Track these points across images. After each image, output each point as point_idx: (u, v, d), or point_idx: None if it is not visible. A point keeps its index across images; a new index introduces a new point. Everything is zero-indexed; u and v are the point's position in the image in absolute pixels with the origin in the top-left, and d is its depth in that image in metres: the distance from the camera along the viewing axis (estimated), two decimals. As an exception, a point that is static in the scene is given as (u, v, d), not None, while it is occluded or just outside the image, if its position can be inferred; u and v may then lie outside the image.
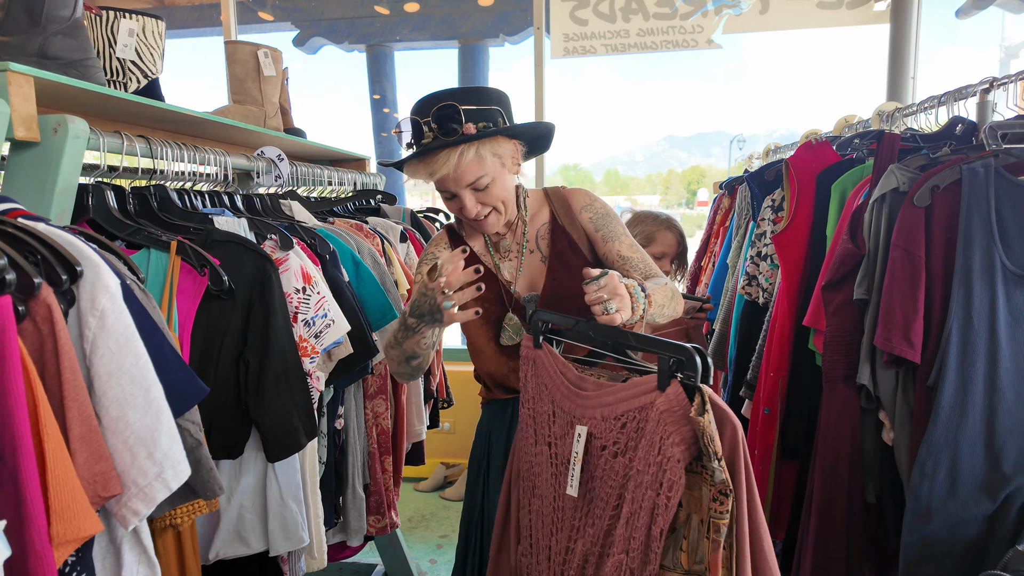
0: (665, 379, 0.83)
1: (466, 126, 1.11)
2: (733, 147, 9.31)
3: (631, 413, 0.88)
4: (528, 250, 1.30)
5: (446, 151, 1.11)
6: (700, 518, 0.80)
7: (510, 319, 1.25)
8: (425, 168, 1.13)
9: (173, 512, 0.96)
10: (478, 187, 1.15)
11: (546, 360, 1.07)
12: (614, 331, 1.00)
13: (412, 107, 1.16)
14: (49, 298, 0.67)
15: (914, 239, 1.19)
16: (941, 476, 1.18)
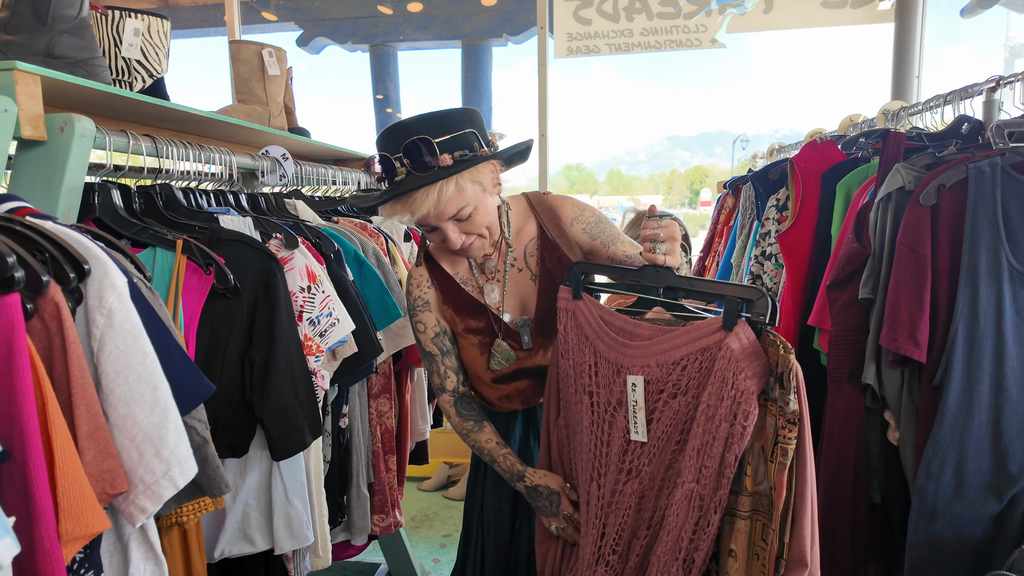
0: (732, 319, 0.88)
1: (442, 157, 1.04)
2: (736, 147, 9.32)
3: (692, 356, 0.92)
4: (516, 268, 1.25)
5: (424, 189, 1.04)
6: (761, 445, 0.88)
7: (498, 345, 1.22)
8: (403, 208, 1.07)
9: (179, 510, 0.96)
10: (460, 217, 1.10)
11: (586, 311, 1.08)
12: (671, 276, 1.01)
13: (379, 140, 1.08)
14: (57, 296, 0.68)
15: (920, 238, 1.19)
16: (947, 476, 1.18)
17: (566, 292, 1.11)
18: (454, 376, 1.25)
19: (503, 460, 1.18)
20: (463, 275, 1.26)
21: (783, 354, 0.84)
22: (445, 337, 1.24)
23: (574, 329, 1.10)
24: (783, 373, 0.84)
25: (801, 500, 0.84)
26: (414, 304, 1.25)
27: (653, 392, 0.98)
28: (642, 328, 1.00)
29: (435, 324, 1.24)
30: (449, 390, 1.24)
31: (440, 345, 1.24)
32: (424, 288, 1.25)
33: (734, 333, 0.87)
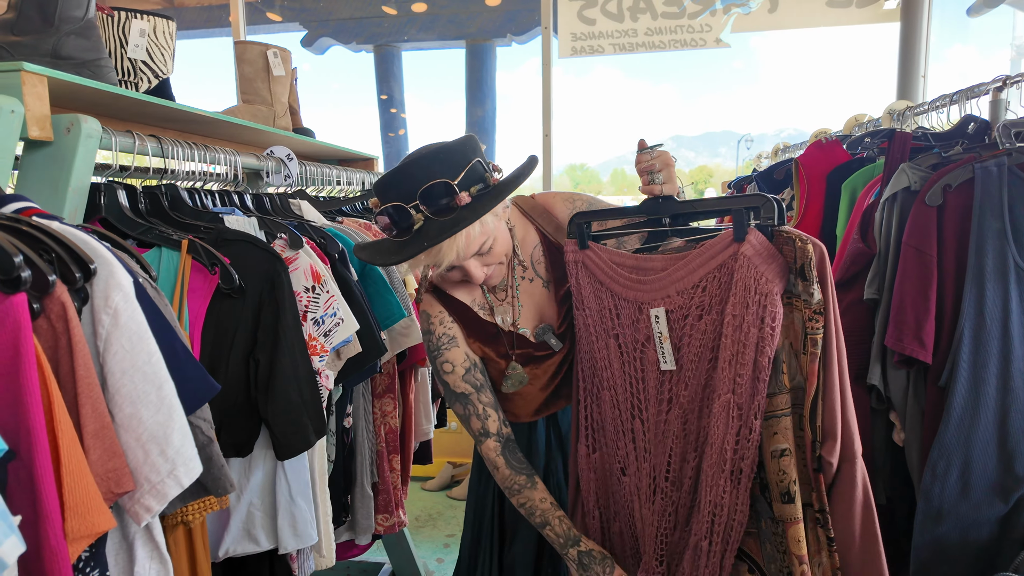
0: (741, 229, 0.89)
1: (459, 197, 0.96)
2: (741, 147, 9.27)
3: (710, 275, 0.94)
4: (527, 279, 1.20)
5: (450, 240, 0.97)
6: (790, 341, 0.90)
7: (513, 368, 1.16)
8: (429, 259, 1.01)
9: (184, 509, 0.96)
10: (482, 252, 1.05)
11: (595, 258, 1.08)
12: (674, 204, 1.01)
13: (382, 187, 1.00)
14: (63, 296, 0.68)
15: (926, 238, 1.18)
16: (953, 478, 1.17)
17: (572, 244, 1.11)
18: (495, 414, 1.14)
19: (558, 523, 1.08)
20: (480, 301, 1.19)
21: (800, 246, 0.85)
22: (477, 371, 1.16)
23: (587, 278, 1.10)
24: (803, 265, 0.85)
25: (830, 382, 0.87)
26: (438, 343, 1.15)
27: (677, 319, 0.99)
28: (654, 261, 1.01)
29: (464, 360, 1.15)
30: (493, 433, 1.13)
31: (473, 381, 1.15)
32: (447, 324, 1.16)
33: (747, 241, 0.89)
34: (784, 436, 0.91)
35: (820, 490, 0.90)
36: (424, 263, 1.02)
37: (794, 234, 0.87)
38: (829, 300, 0.86)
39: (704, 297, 0.95)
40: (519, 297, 1.20)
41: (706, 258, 0.94)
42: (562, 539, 1.07)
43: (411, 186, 0.96)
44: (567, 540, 1.07)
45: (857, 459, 0.90)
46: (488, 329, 1.18)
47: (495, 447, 1.13)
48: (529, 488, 1.11)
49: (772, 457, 0.92)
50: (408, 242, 0.98)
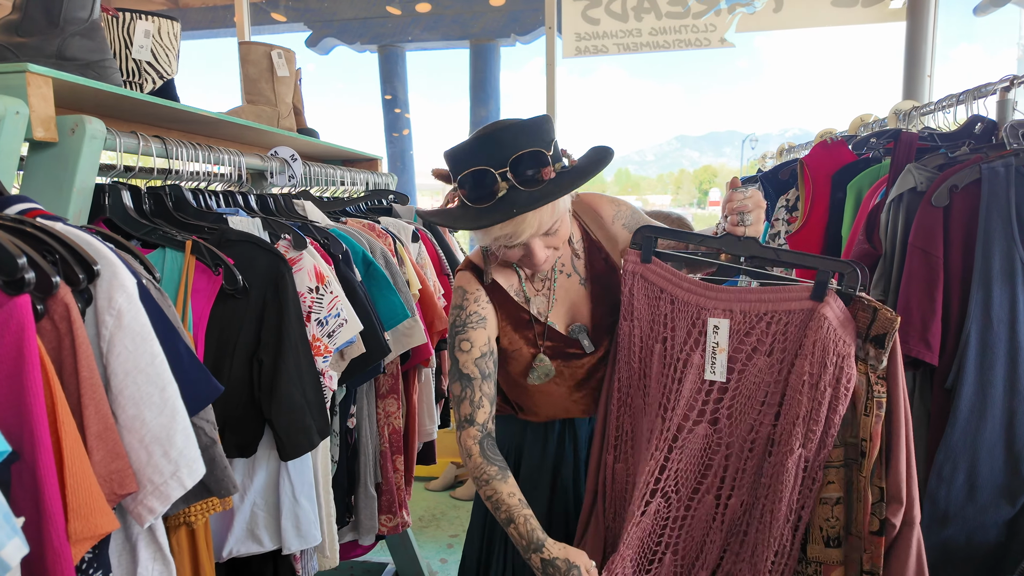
0: (822, 290, 0.93)
1: (547, 170, 0.95)
2: (745, 146, 9.25)
3: (778, 315, 0.97)
4: (564, 274, 1.19)
5: (536, 210, 0.95)
6: (852, 402, 0.94)
7: (540, 360, 1.15)
8: (507, 229, 0.98)
9: (187, 510, 0.96)
10: (549, 232, 1.03)
11: (658, 270, 1.09)
12: (756, 246, 1.02)
13: (462, 152, 0.97)
14: (67, 297, 0.68)
15: (932, 239, 1.18)
16: (959, 481, 1.16)
17: (634, 255, 1.11)
18: (488, 407, 1.11)
19: (523, 523, 0.99)
20: (515, 287, 1.18)
21: (889, 317, 0.89)
22: (490, 359, 1.13)
23: (643, 289, 1.11)
24: (884, 335, 0.90)
25: (896, 446, 0.91)
26: (466, 320, 1.12)
27: (736, 337, 1.01)
28: (722, 288, 1.04)
29: (485, 343, 1.12)
30: (479, 423, 1.10)
31: (483, 367, 1.12)
32: (482, 304, 1.14)
33: (827, 303, 0.92)
34: (840, 485, 0.96)
35: (876, 551, 0.92)
36: (499, 234, 0.99)
37: (876, 304, 0.91)
38: (897, 367, 0.92)
39: (767, 334, 0.98)
40: (555, 291, 1.19)
41: (779, 297, 0.97)
42: (524, 541, 0.99)
43: (501, 153, 0.94)
44: (530, 543, 0.98)
45: (916, 524, 0.92)
46: (522, 315, 1.17)
47: (475, 435, 1.09)
48: (498, 480, 1.05)
49: (823, 503, 0.96)
50: (491, 208, 0.96)
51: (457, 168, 0.98)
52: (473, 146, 0.96)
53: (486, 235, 1.01)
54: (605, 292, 1.19)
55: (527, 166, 0.94)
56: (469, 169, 0.96)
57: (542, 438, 1.26)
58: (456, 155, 0.98)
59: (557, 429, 1.25)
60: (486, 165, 0.95)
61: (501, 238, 1.00)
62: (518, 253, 1.06)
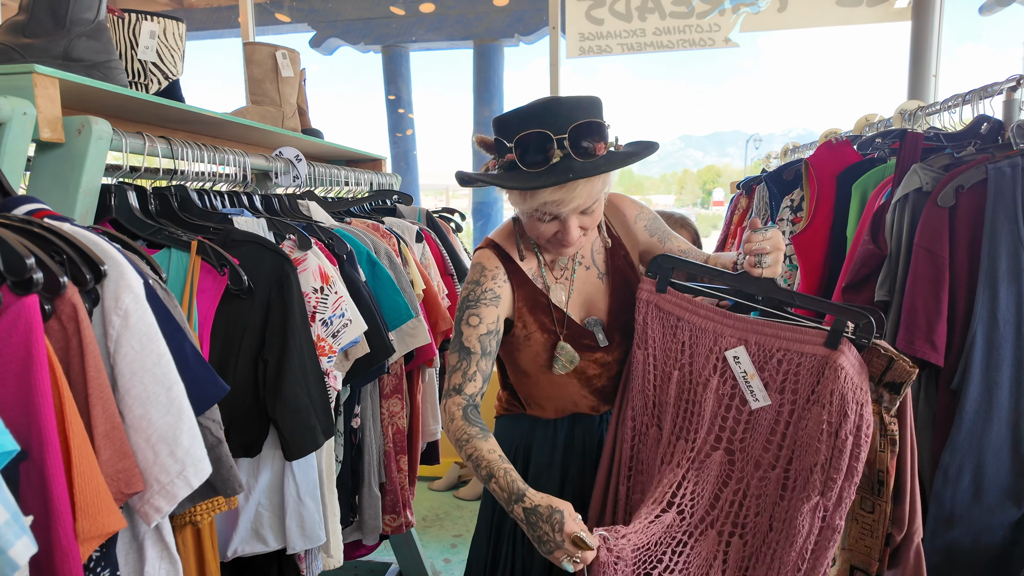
0: (837, 338, 0.94)
1: (600, 145, 0.98)
2: (749, 146, 9.22)
3: (792, 355, 0.98)
4: (584, 266, 1.20)
5: (588, 180, 0.97)
6: None
7: (562, 347, 1.15)
8: (560, 194, 0.98)
9: (193, 509, 0.96)
10: (587, 212, 1.04)
11: (673, 299, 1.10)
12: (773, 286, 1.02)
13: (515, 119, 0.98)
14: (74, 297, 0.68)
15: (938, 240, 1.17)
16: (965, 482, 1.16)
17: (649, 284, 1.12)
18: (480, 382, 1.11)
19: (503, 476, 0.98)
20: (535, 272, 1.18)
21: (907, 369, 0.91)
22: (494, 338, 1.13)
23: (658, 318, 1.11)
24: (901, 383, 0.92)
25: (904, 478, 0.96)
26: (480, 296, 1.12)
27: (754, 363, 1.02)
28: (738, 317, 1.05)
29: (493, 321, 1.12)
30: (467, 394, 1.09)
31: (485, 344, 1.11)
32: (500, 281, 1.14)
33: (842, 352, 0.93)
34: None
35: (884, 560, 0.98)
36: (548, 199, 0.99)
37: (893, 354, 0.93)
38: (907, 404, 0.95)
39: (778, 371, 0.99)
40: (573, 281, 1.20)
41: (794, 337, 0.98)
42: (506, 494, 0.96)
43: (559, 121, 0.95)
44: (511, 495, 0.96)
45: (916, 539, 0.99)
46: (540, 299, 1.17)
47: (460, 403, 1.08)
48: (479, 439, 1.03)
49: None
50: (545, 172, 0.96)
51: (512, 131, 0.98)
52: (530, 112, 0.97)
53: (532, 199, 1.00)
54: (623, 287, 1.20)
55: (584, 137, 0.96)
56: (528, 131, 0.96)
57: (551, 437, 1.26)
58: (510, 120, 0.99)
59: (566, 427, 1.25)
60: (542, 127, 0.96)
61: (548, 204, 1.00)
62: (551, 229, 1.06)
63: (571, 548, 0.89)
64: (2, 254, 0.63)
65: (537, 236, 1.10)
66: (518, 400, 1.27)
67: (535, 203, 1.01)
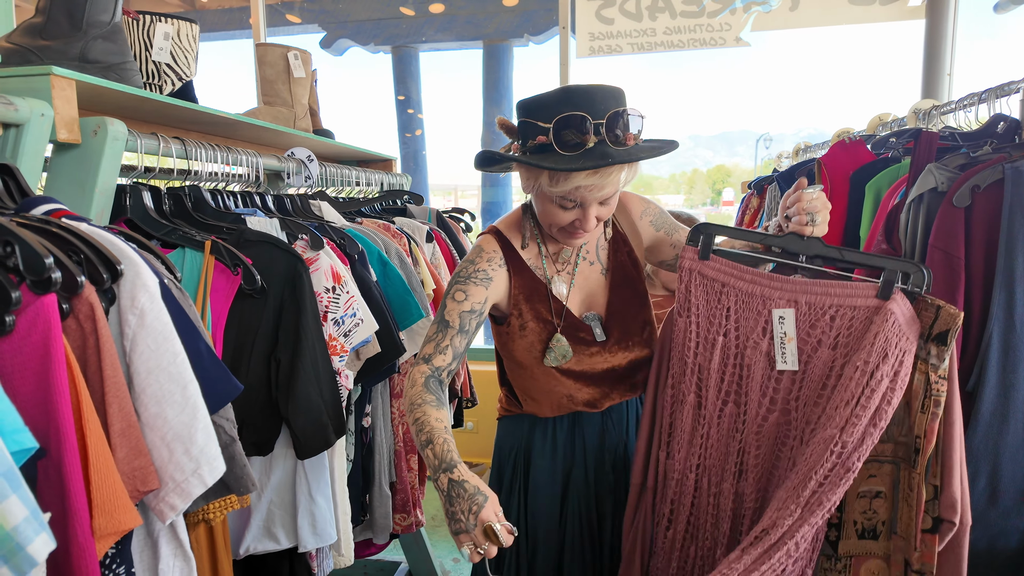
0: (889, 288, 0.95)
1: (629, 135, 0.99)
2: (760, 146, 9.15)
3: (844, 310, 0.98)
4: (587, 261, 1.21)
5: (621, 167, 0.98)
6: (907, 400, 0.95)
7: (558, 340, 1.16)
8: (595, 179, 0.98)
9: (206, 507, 0.97)
10: (606, 203, 1.06)
11: (716, 266, 1.10)
12: (820, 245, 1.03)
13: (556, 98, 0.98)
14: (92, 297, 0.69)
15: (953, 240, 1.16)
16: (980, 484, 1.15)
17: (692, 252, 1.12)
18: (450, 358, 1.09)
19: (441, 444, 0.95)
20: (535, 263, 1.19)
21: (952, 313, 0.90)
22: (476, 318, 1.12)
23: (701, 285, 1.11)
24: (946, 332, 0.90)
25: (951, 444, 0.92)
26: (471, 274, 1.13)
27: (802, 329, 1.02)
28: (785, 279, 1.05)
29: (479, 302, 1.12)
30: (435, 365, 1.08)
31: (464, 321, 1.10)
32: (495, 265, 1.15)
33: (895, 301, 0.94)
34: (882, 481, 0.97)
35: (928, 550, 0.93)
36: (583, 183, 0.99)
37: (938, 303, 0.93)
38: (955, 370, 0.93)
39: (831, 328, 1.00)
40: (575, 275, 1.20)
41: (846, 292, 0.98)
42: (438, 461, 0.94)
43: (595, 107, 0.97)
44: (441, 463, 0.93)
45: (967, 525, 0.94)
46: (539, 288, 1.17)
47: (425, 371, 1.07)
48: (431, 406, 1.01)
49: (862, 496, 0.96)
50: (580, 156, 0.97)
51: (545, 112, 0.98)
52: (563, 97, 0.98)
53: (566, 182, 1.00)
54: (624, 284, 1.20)
55: (619, 125, 0.98)
56: (568, 112, 0.97)
57: (551, 438, 1.25)
58: (542, 103, 0.99)
59: (566, 428, 1.25)
60: (580, 111, 0.96)
61: (582, 189, 1.00)
62: (570, 216, 1.06)
63: (479, 536, 0.87)
64: (22, 254, 0.64)
65: (552, 223, 1.10)
66: (515, 398, 1.27)
67: (568, 187, 1.00)
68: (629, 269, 1.21)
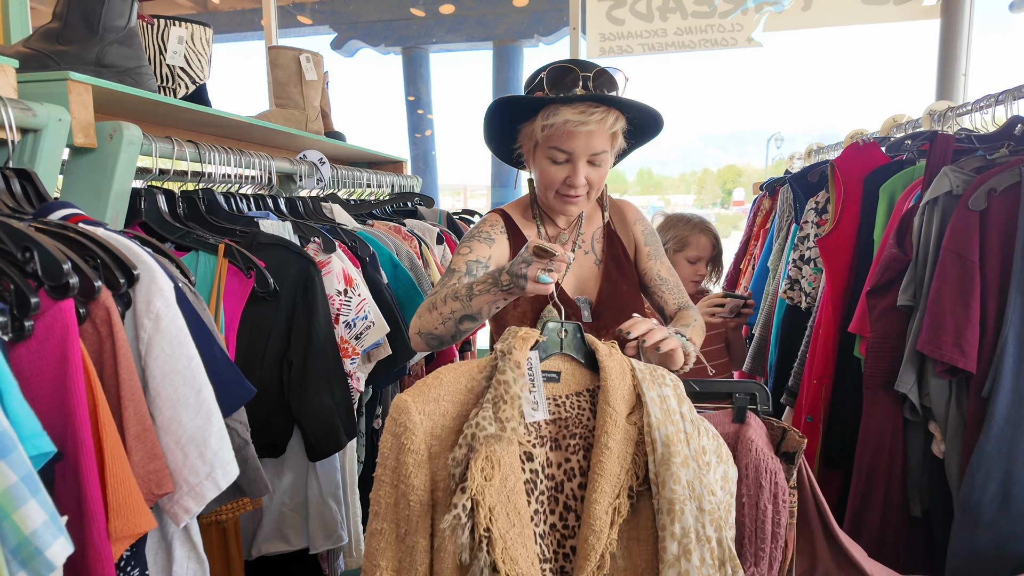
0: (742, 414, 0.98)
1: (615, 91, 1.12)
2: (771, 146, 9.10)
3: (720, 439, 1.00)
4: (583, 251, 1.28)
5: (603, 110, 1.09)
6: None
7: (549, 311, 1.20)
8: (574, 115, 1.07)
9: (219, 509, 0.98)
10: (594, 162, 1.13)
11: None
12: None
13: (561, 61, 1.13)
14: (108, 301, 0.70)
15: (967, 243, 1.15)
16: (992, 489, 1.14)
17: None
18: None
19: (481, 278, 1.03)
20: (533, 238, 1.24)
21: (797, 438, 0.96)
22: (480, 267, 1.17)
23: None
24: (794, 453, 0.96)
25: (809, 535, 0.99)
26: (475, 235, 1.21)
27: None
28: None
29: (484, 257, 1.18)
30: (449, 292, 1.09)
31: (471, 267, 1.16)
32: (497, 231, 1.23)
33: (749, 425, 0.97)
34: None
35: None
36: (570, 117, 1.07)
37: (784, 425, 0.98)
38: (804, 471, 0.98)
39: None
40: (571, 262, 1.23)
41: (716, 420, 0.99)
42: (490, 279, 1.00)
43: (585, 65, 1.11)
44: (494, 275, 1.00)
45: None
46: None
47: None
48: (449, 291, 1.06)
49: None
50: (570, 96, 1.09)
51: (541, 69, 1.13)
52: (572, 60, 1.13)
53: (556, 115, 1.08)
54: (617, 274, 1.26)
55: (606, 84, 1.11)
56: (558, 64, 1.11)
57: None
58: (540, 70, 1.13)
59: None
60: (574, 67, 1.10)
61: (569, 123, 1.08)
62: (562, 173, 1.13)
63: (536, 257, 0.93)
64: (40, 259, 0.64)
65: (547, 185, 1.16)
66: None
67: (558, 119, 1.08)
68: (622, 262, 1.27)
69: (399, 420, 0.75)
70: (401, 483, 0.74)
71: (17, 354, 0.62)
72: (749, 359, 2.00)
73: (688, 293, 1.93)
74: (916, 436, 1.29)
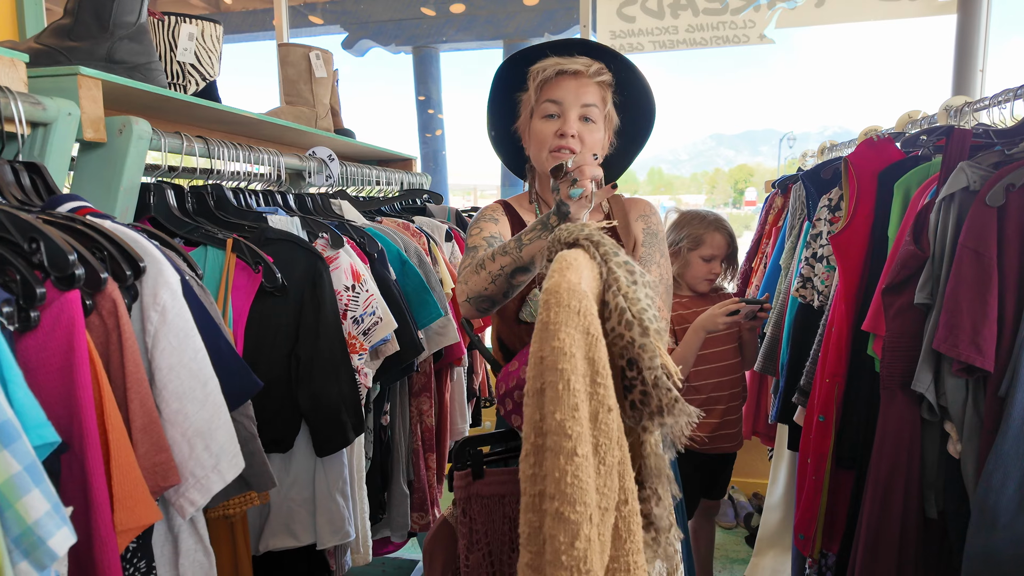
0: None
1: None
2: (783, 145, 9.01)
3: None
4: None
5: (587, 58, 1.16)
6: None
7: (535, 294, 1.20)
8: (561, 59, 1.15)
9: (226, 503, 0.98)
10: (588, 116, 1.17)
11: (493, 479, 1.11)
12: None
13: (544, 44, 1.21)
14: (114, 293, 0.70)
15: (985, 240, 1.13)
16: (1010, 490, 1.11)
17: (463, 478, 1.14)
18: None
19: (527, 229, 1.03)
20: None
21: None
22: (497, 240, 1.20)
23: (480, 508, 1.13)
24: None
25: None
26: (481, 216, 1.25)
27: None
28: None
29: (493, 233, 1.21)
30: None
31: (490, 242, 1.18)
32: (499, 214, 1.27)
33: None
34: None
35: None
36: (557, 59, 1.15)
37: None
38: None
39: None
40: None
41: None
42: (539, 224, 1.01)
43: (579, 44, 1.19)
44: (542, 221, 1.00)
45: None
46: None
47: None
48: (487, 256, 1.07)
49: None
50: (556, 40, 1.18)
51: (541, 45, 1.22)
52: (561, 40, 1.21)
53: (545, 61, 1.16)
54: None
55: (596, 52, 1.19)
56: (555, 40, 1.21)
57: None
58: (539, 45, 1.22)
59: None
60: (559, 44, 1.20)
61: (559, 65, 1.14)
62: (553, 127, 1.16)
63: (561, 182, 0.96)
64: (47, 250, 0.65)
65: (541, 144, 1.18)
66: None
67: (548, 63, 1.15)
68: None
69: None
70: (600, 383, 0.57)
71: (23, 345, 0.62)
72: (761, 358, 1.97)
73: (703, 292, 1.91)
74: (932, 436, 1.26)
